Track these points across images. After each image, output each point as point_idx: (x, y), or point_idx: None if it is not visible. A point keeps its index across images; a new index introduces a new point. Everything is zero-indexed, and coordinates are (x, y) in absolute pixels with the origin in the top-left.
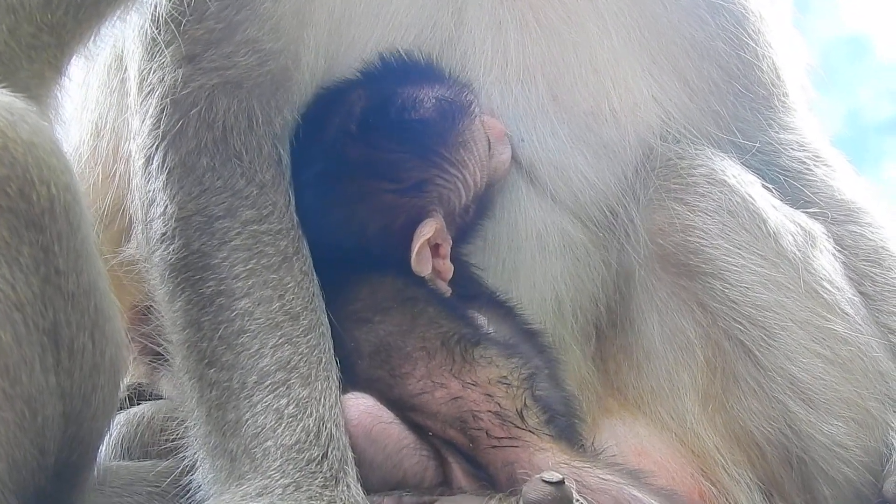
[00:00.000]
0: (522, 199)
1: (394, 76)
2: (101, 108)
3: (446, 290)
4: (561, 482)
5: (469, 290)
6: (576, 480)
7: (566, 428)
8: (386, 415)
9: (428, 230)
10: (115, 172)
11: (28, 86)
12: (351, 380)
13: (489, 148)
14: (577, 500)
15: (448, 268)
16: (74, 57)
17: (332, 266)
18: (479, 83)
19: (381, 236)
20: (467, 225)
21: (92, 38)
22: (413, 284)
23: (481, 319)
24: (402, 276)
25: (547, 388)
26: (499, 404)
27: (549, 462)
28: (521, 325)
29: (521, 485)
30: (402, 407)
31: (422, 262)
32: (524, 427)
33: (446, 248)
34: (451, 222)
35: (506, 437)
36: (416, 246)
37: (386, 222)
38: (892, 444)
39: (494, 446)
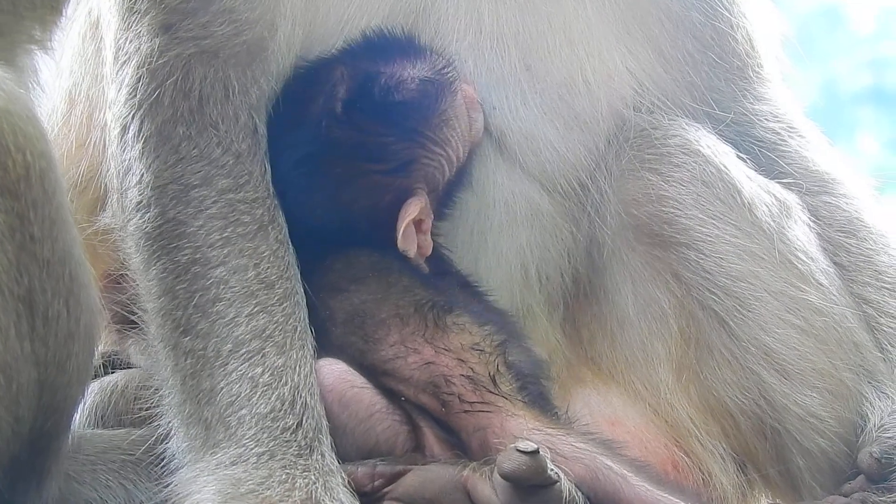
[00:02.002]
0: (491, 167)
1: (376, 55)
2: (75, 76)
3: (424, 268)
4: (535, 452)
5: (440, 267)
6: (549, 447)
7: (539, 395)
8: (359, 380)
9: (413, 209)
10: (89, 140)
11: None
12: (325, 346)
13: (469, 120)
14: (552, 470)
15: (429, 243)
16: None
17: (311, 241)
18: (453, 51)
19: (365, 215)
20: (447, 196)
21: None
22: (389, 257)
23: (453, 290)
24: (378, 250)
25: (519, 355)
26: (472, 369)
27: (521, 428)
28: (488, 301)
29: (495, 453)
30: (375, 372)
31: (408, 242)
32: (497, 392)
33: (429, 224)
34: (434, 198)
35: (478, 402)
36: (402, 226)
37: (371, 202)
38: (867, 415)
39: (466, 411)
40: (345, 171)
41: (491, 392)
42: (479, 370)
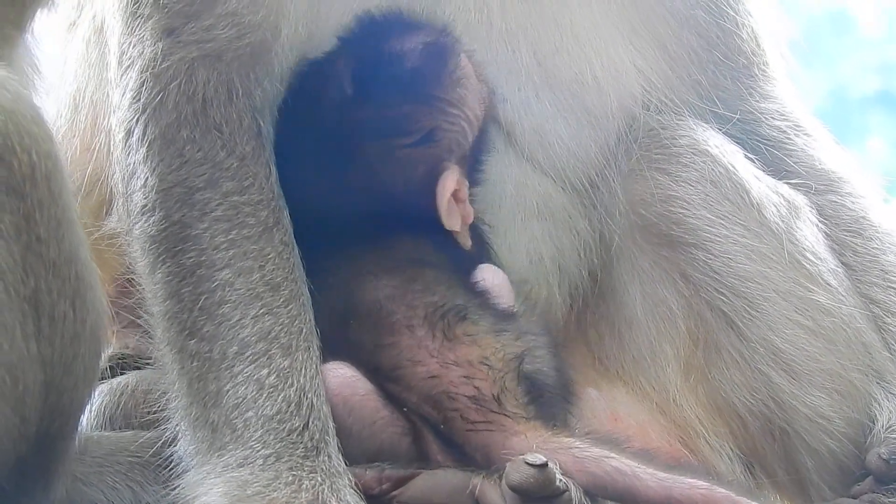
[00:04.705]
0: (502, 160)
1: (373, 32)
2: (79, 81)
3: (468, 243)
4: (544, 465)
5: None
6: (555, 461)
7: (549, 406)
8: (364, 386)
9: (451, 183)
10: (93, 145)
11: None
12: (333, 345)
13: (479, 82)
14: (560, 481)
15: (470, 211)
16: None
17: (343, 231)
18: (463, 44)
19: (402, 194)
20: (475, 160)
21: None
22: (424, 242)
23: (481, 285)
24: (413, 237)
25: (536, 363)
26: (477, 388)
27: (525, 446)
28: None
29: (504, 463)
30: (381, 377)
31: (452, 217)
32: (500, 412)
33: (465, 192)
34: (463, 164)
35: (481, 422)
36: (444, 203)
37: (406, 178)
38: (875, 416)
39: (469, 430)
40: (373, 153)
41: (494, 412)
42: (484, 388)
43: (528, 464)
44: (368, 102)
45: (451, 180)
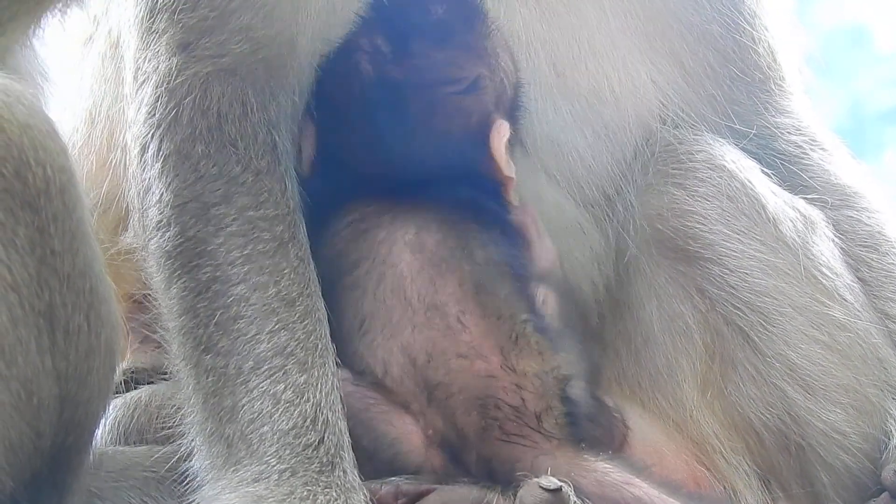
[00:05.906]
0: (518, 171)
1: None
2: (94, 96)
3: (515, 199)
4: (558, 489)
5: None
6: (574, 485)
7: (583, 431)
8: (370, 403)
9: (505, 129)
10: (110, 160)
11: None
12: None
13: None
14: (576, 503)
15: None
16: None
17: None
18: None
19: (455, 149)
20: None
21: None
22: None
23: (546, 302)
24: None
25: (580, 392)
26: (523, 399)
27: (551, 464)
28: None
29: (520, 481)
30: (420, 375)
31: (509, 164)
32: (537, 428)
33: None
34: (511, 122)
35: (516, 435)
36: (501, 148)
37: (459, 129)
38: (891, 431)
39: (502, 440)
40: (421, 105)
41: (531, 427)
42: (529, 403)
43: (542, 488)
44: (408, 55)
45: (504, 128)
